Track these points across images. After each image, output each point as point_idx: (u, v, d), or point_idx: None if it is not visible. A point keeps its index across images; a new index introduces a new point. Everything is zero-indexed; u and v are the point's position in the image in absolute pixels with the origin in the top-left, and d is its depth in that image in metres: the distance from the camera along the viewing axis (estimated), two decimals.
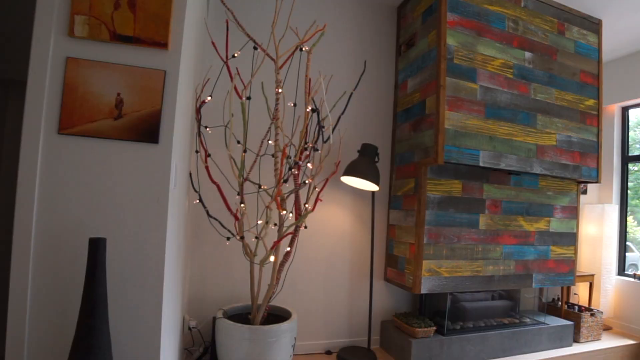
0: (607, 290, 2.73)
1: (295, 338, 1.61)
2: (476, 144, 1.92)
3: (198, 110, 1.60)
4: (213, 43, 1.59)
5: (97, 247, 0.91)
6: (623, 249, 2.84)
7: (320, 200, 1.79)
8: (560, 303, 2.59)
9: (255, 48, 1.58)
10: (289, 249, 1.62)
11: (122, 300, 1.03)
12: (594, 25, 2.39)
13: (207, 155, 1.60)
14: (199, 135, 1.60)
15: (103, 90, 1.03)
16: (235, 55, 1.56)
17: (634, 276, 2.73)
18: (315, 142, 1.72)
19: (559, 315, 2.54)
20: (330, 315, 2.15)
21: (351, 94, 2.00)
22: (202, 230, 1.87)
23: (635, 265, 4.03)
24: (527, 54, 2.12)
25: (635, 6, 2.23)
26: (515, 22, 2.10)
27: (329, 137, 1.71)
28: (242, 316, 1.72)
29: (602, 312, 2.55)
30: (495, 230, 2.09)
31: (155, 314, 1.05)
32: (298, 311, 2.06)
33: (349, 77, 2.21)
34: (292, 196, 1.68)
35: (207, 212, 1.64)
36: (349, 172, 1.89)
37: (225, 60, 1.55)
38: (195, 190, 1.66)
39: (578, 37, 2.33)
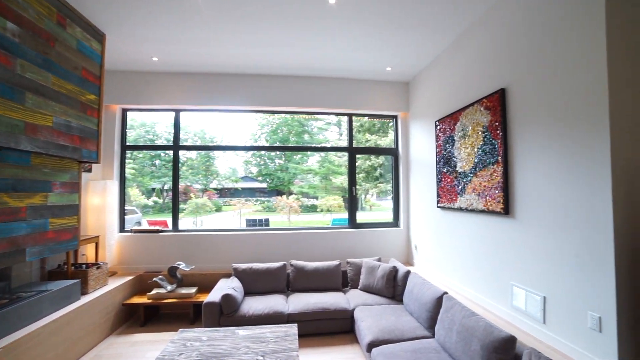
0: (112, 245, 3.56)
1: None
2: None
3: None
4: None
5: None
6: (122, 213, 3.84)
7: None
8: (66, 267, 2.94)
9: None
10: None
11: None
12: (98, 36, 2.90)
13: None
14: None
15: None
16: None
17: (131, 231, 3.81)
18: None
19: (66, 278, 2.88)
20: None
21: None
22: None
23: (139, 223, 5.54)
24: (13, 26, 2.07)
25: (128, 39, 3.06)
26: None
27: None
28: None
29: (107, 263, 3.27)
30: None
31: None
32: None
33: None
34: None
35: None
36: None
37: None
38: None
39: (82, 39, 2.70)
